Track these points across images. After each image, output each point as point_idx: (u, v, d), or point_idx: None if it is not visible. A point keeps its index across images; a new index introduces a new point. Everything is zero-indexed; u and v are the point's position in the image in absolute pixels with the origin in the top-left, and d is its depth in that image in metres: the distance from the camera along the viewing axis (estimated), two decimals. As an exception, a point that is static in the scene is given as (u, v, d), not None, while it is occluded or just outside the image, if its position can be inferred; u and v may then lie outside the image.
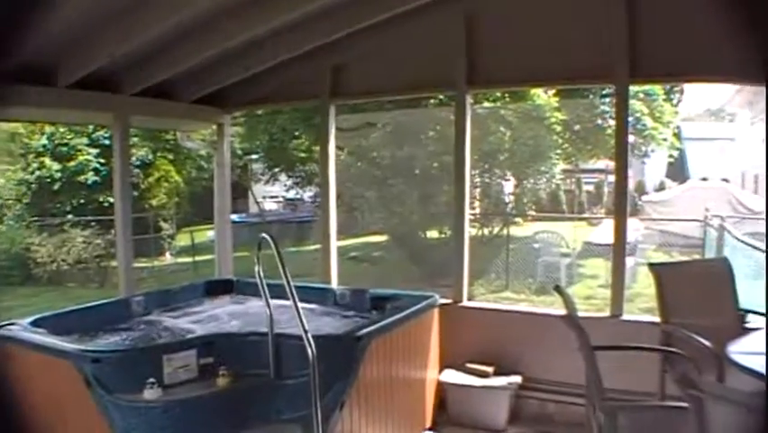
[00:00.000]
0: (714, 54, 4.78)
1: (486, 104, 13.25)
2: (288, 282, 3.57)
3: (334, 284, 6.03)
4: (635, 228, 15.56)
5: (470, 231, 5.90)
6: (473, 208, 14.47)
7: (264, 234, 3.86)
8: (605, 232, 11.84)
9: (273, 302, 4.07)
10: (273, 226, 18.66)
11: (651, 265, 4.32)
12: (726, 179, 23.81)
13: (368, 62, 5.84)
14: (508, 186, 16.00)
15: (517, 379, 5.11)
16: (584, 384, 3.46)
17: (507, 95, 12.83)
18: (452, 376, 5.18)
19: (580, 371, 3.48)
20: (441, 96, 10.42)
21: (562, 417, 4.97)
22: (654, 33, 4.88)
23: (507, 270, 12.77)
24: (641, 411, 2.82)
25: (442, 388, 5.17)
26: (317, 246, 7.33)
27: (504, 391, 5.04)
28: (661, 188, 24.76)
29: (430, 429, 4.99)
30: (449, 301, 5.41)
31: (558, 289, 3.38)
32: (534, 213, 15.88)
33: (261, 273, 4.05)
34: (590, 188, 23.26)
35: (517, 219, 16.42)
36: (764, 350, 3.18)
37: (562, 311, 3.44)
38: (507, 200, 15.46)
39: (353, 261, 14.18)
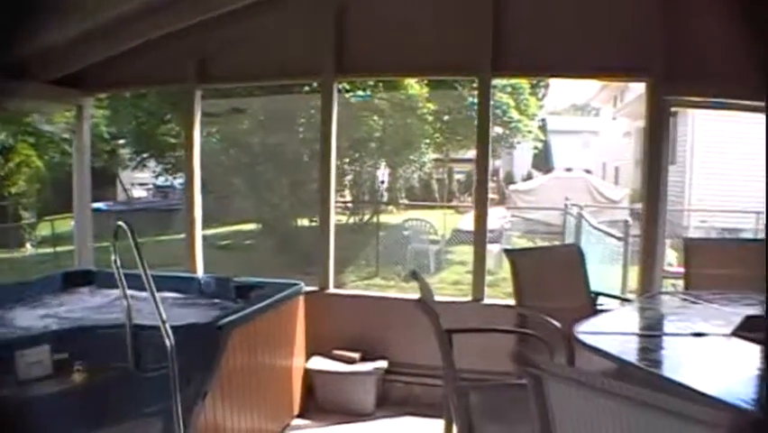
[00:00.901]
0: (577, 51, 5.06)
1: (360, 92, 13.33)
2: (145, 271, 3.45)
3: (200, 273, 5.89)
4: (501, 216, 16.20)
5: (340, 219, 5.92)
6: (343, 196, 14.57)
7: (120, 222, 3.70)
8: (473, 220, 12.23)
9: (136, 293, 3.91)
10: (141, 214, 17.99)
11: (506, 251, 4.51)
12: (589, 170, 25.15)
13: (236, 47, 5.71)
14: (383, 174, 16.22)
15: (384, 364, 5.18)
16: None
17: (381, 84, 12.95)
18: (319, 363, 5.19)
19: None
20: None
21: (428, 398, 5.08)
22: (519, 29, 5.07)
23: (378, 257, 12.93)
24: (492, 390, 2.93)
25: (309, 375, 5.16)
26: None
27: (370, 375, 5.10)
28: (528, 177, 25.83)
29: (298, 417, 4.99)
30: (315, 289, 5.41)
31: (414, 274, 3.45)
32: (405, 201, 16.19)
33: (118, 263, 3.89)
34: (462, 177, 23.97)
35: (390, 207, 16.68)
36: (611, 329, 3.39)
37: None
38: (379, 188, 15.62)
39: (224, 249, 13.92)
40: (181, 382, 3.43)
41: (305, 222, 14.07)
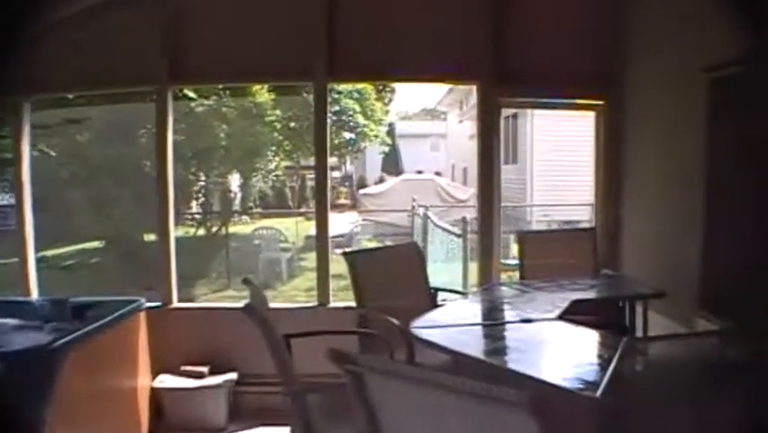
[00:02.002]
0: (410, 55, 5.21)
1: (205, 101, 13.05)
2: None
3: (35, 296, 5.55)
4: (352, 220, 16.40)
5: (188, 231, 5.78)
6: (189, 208, 14.22)
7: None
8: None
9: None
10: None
11: (344, 254, 4.55)
12: (439, 172, 25.97)
13: (64, 54, 5.42)
14: (235, 183, 15.97)
15: (234, 376, 5.11)
16: (301, 372, 3.56)
17: (227, 91, 12.74)
18: (166, 381, 5.04)
19: (296, 360, 3.57)
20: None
21: (281, 407, 5.04)
22: (353, 35, 5.16)
23: (229, 268, 12.72)
24: (330, 391, 2.95)
25: (157, 394, 4.99)
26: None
27: (220, 389, 5.01)
28: (381, 181, 26.27)
29: (146, 439, 4.81)
30: (158, 304, 5.25)
31: (246, 281, 3.43)
32: (259, 210, 16.00)
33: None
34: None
35: (244, 217, 16.43)
36: (446, 322, 3.51)
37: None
38: (230, 198, 15.38)
39: (68, 270, 13.18)
40: (16, 411, 3.24)
41: (152, 236, 13.57)
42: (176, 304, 5.40)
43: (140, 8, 5.22)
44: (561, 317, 3.49)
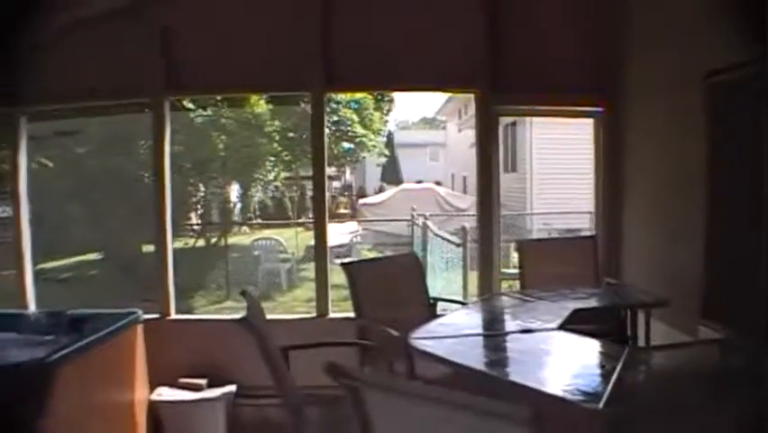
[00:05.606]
0: (408, 65, 5.20)
1: (204, 112, 13.06)
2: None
3: (32, 309, 5.52)
4: (352, 230, 16.38)
5: (188, 242, 5.75)
6: (188, 219, 14.19)
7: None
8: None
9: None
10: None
11: (343, 264, 4.52)
12: (439, 181, 26.01)
13: (58, 65, 5.41)
14: (235, 194, 15.95)
15: (233, 388, 5.07)
16: (300, 384, 3.52)
17: (225, 102, 12.74)
18: (164, 394, 4.99)
19: (295, 372, 3.54)
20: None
21: (281, 419, 4.99)
22: (349, 45, 5.15)
23: (228, 279, 12.69)
24: (328, 404, 2.92)
25: (155, 407, 4.94)
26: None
27: (219, 401, 4.97)
28: (380, 191, 26.30)
29: (144, 453, 4.77)
30: (156, 316, 5.21)
31: (243, 293, 3.40)
32: (258, 221, 15.96)
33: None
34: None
35: (243, 228, 16.40)
36: (446, 333, 3.47)
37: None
38: (229, 209, 15.36)
39: (66, 282, 13.15)
40: (11, 426, 3.20)
41: (151, 248, 13.55)
42: (174, 316, 5.36)
43: (137, 19, 5.20)
44: (562, 327, 3.45)
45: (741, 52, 3.41)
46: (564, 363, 3.04)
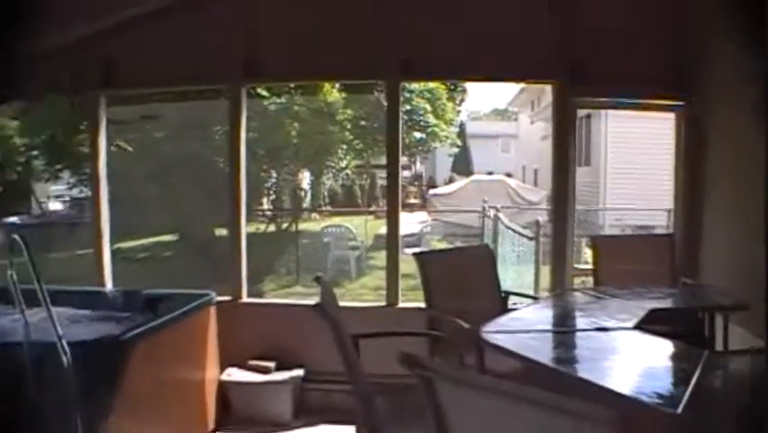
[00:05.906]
0: (484, 54, 5.13)
1: (278, 99, 13.21)
2: (41, 287, 3.29)
3: (109, 287, 5.69)
4: (422, 220, 16.35)
5: (259, 227, 5.82)
6: (260, 204, 14.41)
7: (15, 236, 3.53)
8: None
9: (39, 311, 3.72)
10: (56, 228, 17.29)
11: (415, 255, 4.49)
12: (510, 173, 25.71)
13: (142, 52, 5.53)
14: (306, 181, 16.13)
15: (300, 372, 5.12)
16: (368, 372, 3.53)
17: (299, 89, 12.86)
18: (233, 375, 5.08)
19: (364, 360, 3.55)
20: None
21: (347, 405, 5.01)
22: (427, 33, 5.10)
23: (298, 265, 12.83)
24: (398, 394, 2.91)
25: (224, 387, 5.03)
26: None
27: (286, 385, 5.02)
28: (451, 182, 26.17)
29: (213, 431, 4.86)
30: (228, 299, 5.30)
31: (318, 279, 3.40)
32: (328, 208, 16.11)
33: (15, 278, 3.70)
34: (385, 182, 23.99)
35: (313, 215, 16.57)
36: (518, 327, 3.42)
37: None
38: (300, 195, 15.53)
39: (142, 262, 13.56)
40: (83, 400, 3.29)
41: (224, 231, 13.83)
42: (245, 299, 5.44)
43: (216, 7, 5.27)
44: (637, 327, 3.35)
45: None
46: (640, 364, 2.95)
